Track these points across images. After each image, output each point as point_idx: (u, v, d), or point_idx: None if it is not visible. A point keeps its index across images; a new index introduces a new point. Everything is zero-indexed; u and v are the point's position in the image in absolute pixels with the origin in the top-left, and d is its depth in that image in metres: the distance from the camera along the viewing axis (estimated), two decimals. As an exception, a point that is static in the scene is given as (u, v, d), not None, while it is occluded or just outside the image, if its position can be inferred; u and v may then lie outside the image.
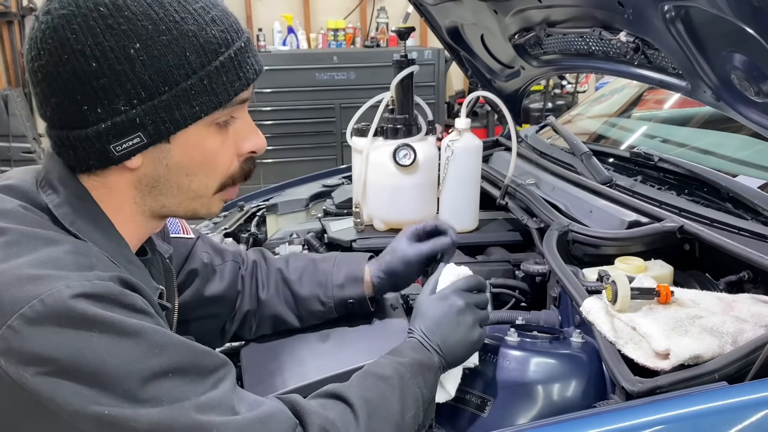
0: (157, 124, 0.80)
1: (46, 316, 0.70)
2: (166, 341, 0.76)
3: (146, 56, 0.77)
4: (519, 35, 1.79)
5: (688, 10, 1.14)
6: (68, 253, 0.77)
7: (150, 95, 0.79)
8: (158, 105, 0.79)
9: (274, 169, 4.83)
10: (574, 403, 1.01)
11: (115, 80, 0.77)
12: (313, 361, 1.13)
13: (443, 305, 1.03)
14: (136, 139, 0.80)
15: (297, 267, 1.24)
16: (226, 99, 0.84)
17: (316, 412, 0.83)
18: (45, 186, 0.84)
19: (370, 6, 5.69)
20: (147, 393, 0.72)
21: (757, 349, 0.91)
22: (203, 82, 0.81)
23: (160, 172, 0.85)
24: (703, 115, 1.88)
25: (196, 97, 0.81)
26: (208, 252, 1.21)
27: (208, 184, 0.89)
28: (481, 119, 5.37)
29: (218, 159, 0.88)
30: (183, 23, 0.80)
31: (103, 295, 0.73)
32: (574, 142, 1.77)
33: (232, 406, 0.77)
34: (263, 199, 2.27)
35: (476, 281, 1.09)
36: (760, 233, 1.15)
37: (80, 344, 0.70)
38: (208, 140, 0.86)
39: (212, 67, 0.81)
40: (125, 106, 0.78)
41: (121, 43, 0.77)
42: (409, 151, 1.59)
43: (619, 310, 1.05)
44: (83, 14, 0.76)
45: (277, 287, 1.23)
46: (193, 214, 0.93)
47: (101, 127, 0.79)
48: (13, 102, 4.80)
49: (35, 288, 0.71)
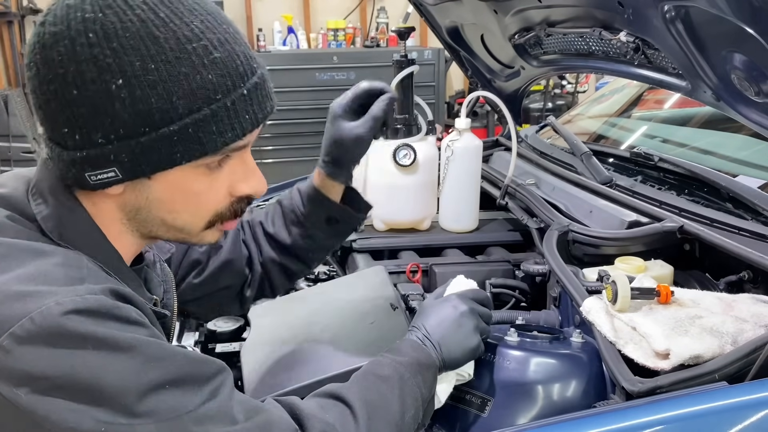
0: (134, 164, 0.75)
1: (37, 334, 0.68)
2: (162, 353, 0.74)
3: (128, 94, 0.72)
4: (519, 35, 1.79)
5: (688, 10, 1.14)
6: (58, 265, 0.75)
7: (128, 134, 0.73)
8: (136, 146, 0.74)
9: (274, 169, 4.83)
10: (574, 403, 1.01)
11: (93, 112, 0.72)
12: (312, 361, 1.13)
13: (446, 306, 1.04)
14: (111, 173, 0.76)
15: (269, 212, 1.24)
16: (213, 149, 0.77)
17: (315, 416, 0.82)
18: (35, 195, 0.81)
19: (370, 6, 5.69)
20: (144, 407, 0.70)
21: (757, 349, 0.91)
22: (188, 129, 0.74)
23: (141, 203, 0.81)
24: (703, 115, 1.88)
25: (178, 144, 0.75)
26: None
27: (194, 222, 0.85)
28: (481, 119, 5.37)
29: (204, 200, 0.83)
30: (176, 63, 0.73)
31: (95, 309, 0.71)
32: (574, 142, 1.77)
33: (230, 415, 0.76)
34: (263, 199, 2.27)
35: (484, 296, 1.10)
36: (760, 233, 1.15)
37: (73, 361, 0.68)
38: (194, 182, 0.80)
39: (200, 115, 0.75)
40: (102, 139, 0.73)
41: (103, 77, 0.71)
42: (409, 151, 1.59)
43: (619, 310, 1.05)
44: (71, 37, 0.71)
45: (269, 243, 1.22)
46: (183, 242, 0.89)
47: (76, 154, 0.75)
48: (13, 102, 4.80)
49: (24, 306, 0.69)
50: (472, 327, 1.02)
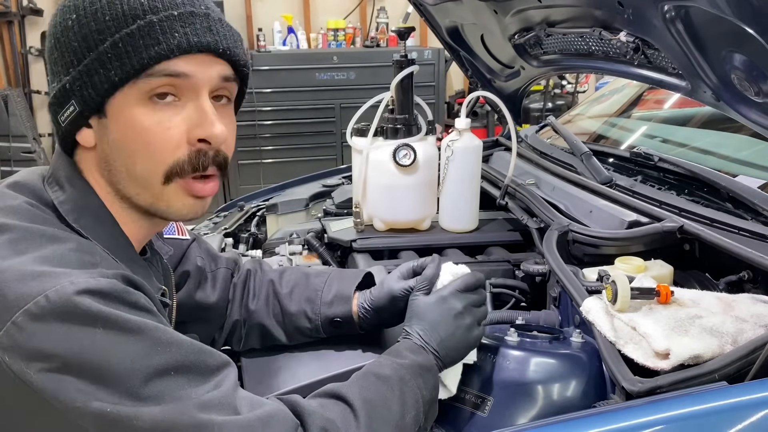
0: (81, 90, 0.82)
1: (50, 312, 0.70)
2: (169, 339, 0.76)
3: (77, 25, 0.82)
4: (519, 35, 1.79)
5: (688, 10, 1.14)
6: (72, 250, 0.78)
7: (78, 61, 0.82)
8: (82, 70, 0.82)
9: (274, 169, 4.84)
10: (574, 403, 1.01)
11: (59, 51, 0.83)
12: (312, 361, 1.13)
13: (441, 308, 1.01)
14: (70, 108, 0.84)
15: (289, 280, 1.20)
16: (139, 63, 0.80)
17: (316, 413, 0.83)
18: (52, 183, 0.86)
19: (370, 6, 5.69)
20: (149, 391, 0.72)
21: (756, 349, 0.91)
22: (118, 45, 0.80)
23: (106, 150, 0.85)
24: (703, 115, 1.88)
25: (110, 60, 0.81)
26: (202, 257, 1.20)
27: (152, 169, 0.84)
28: (481, 119, 5.37)
29: (158, 139, 0.83)
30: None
31: (107, 292, 0.73)
32: (574, 142, 1.77)
33: (233, 405, 0.77)
34: (263, 199, 2.28)
35: (474, 279, 1.07)
36: (760, 233, 1.15)
37: (84, 340, 0.70)
38: (142, 117, 0.82)
39: (128, 30, 0.81)
40: (64, 75, 0.83)
41: (64, 17, 0.83)
42: (409, 151, 1.59)
43: (619, 310, 1.05)
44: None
45: (267, 299, 1.19)
46: (156, 210, 0.88)
47: (51, 94, 0.85)
48: (13, 102, 4.79)
49: (40, 284, 0.71)
50: (468, 324, 1.01)
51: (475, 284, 1.06)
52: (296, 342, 1.18)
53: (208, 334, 1.19)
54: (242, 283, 1.22)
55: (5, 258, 0.74)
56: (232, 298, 1.21)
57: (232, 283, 1.22)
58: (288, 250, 1.70)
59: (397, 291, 1.10)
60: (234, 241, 1.95)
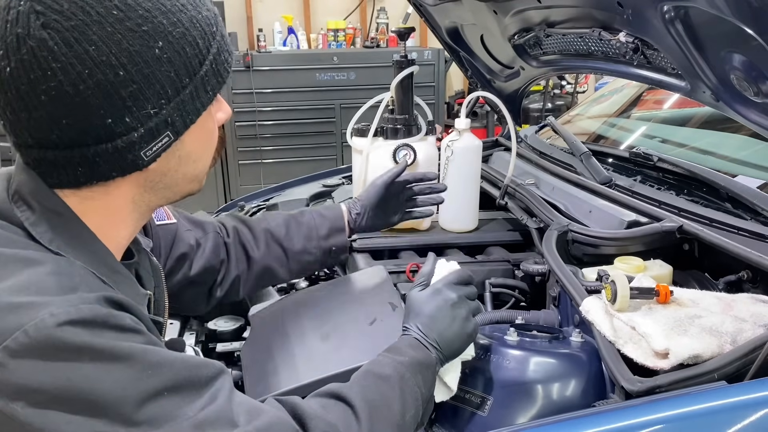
0: (182, 118, 0.79)
1: (32, 347, 0.66)
2: (159, 360, 0.73)
3: (170, 53, 0.75)
4: (518, 36, 1.79)
5: (687, 10, 1.15)
6: (50, 274, 0.73)
7: (176, 91, 0.77)
8: (184, 99, 0.78)
9: (274, 169, 4.84)
10: (574, 403, 1.01)
11: (144, 85, 0.74)
12: (312, 360, 1.13)
13: (437, 299, 1.02)
14: (165, 139, 0.78)
15: (280, 223, 1.32)
16: (225, 76, 0.84)
17: (318, 416, 0.82)
18: (18, 201, 0.79)
19: (370, 6, 5.69)
20: (143, 415, 0.69)
21: (756, 348, 0.91)
22: (212, 65, 0.80)
23: (171, 165, 0.83)
24: (702, 115, 1.88)
25: (209, 81, 0.80)
26: (191, 229, 1.23)
27: (206, 163, 0.89)
28: (481, 119, 5.37)
29: (214, 136, 0.89)
30: (186, 9, 0.77)
31: (90, 319, 0.69)
32: (573, 142, 1.77)
33: (230, 418, 0.75)
34: (263, 199, 2.28)
35: (466, 274, 1.08)
36: (759, 233, 1.16)
37: (70, 374, 0.67)
38: (209, 121, 0.85)
39: (215, 48, 0.81)
40: (154, 108, 0.75)
41: (146, 46, 0.73)
42: (409, 151, 1.60)
43: (619, 310, 1.05)
44: (97, 22, 0.70)
45: (268, 245, 1.30)
46: (188, 195, 0.91)
47: (134, 136, 0.75)
48: (13, 102, 4.79)
49: (18, 318, 0.67)
50: (464, 314, 1.02)
51: (467, 279, 1.08)
52: (297, 278, 1.38)
53: (204, 292, 1.26)
54: (236, 241, 1.29)
55: None
56: (229, 257, 1.27)
57: (224, 244, 1.27)
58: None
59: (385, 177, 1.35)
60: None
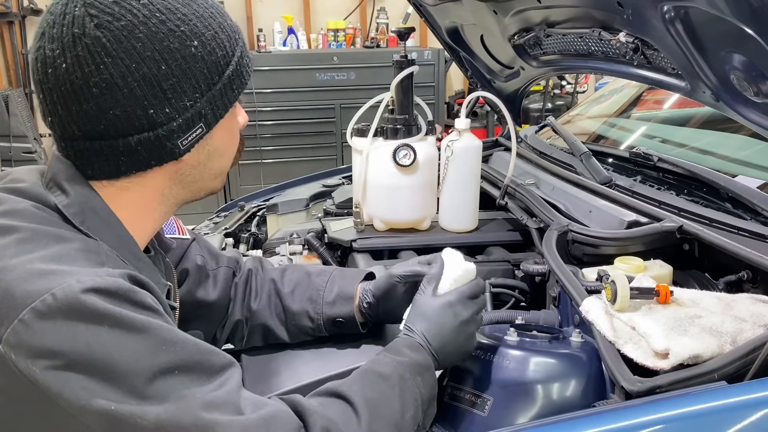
0: (213, 112, 0.87)
1: (57, 309, 0.70)
2: (174, 338, 0.76)
3: (203, 52, 0.85)
4: (518, 36, 1.79)
5: (687, 10, 1.15)
6: (79, 250, 0.79)
7: (208, 87, 0.86)
8: (215, 94, 0.87)
9: (274, 169, 4.84)
10: (574, 403, 1.01)
11: (182, 79, 0.83)
12: (313, 360, 1.13)
13: (449, 313, 1.01)
14: (198, 131, 0.87)
15: (291, 279, 1.21)
16: (247, 78, 0.92)
17: (318, 412, 0.83)
18: (53, 187, 0.86)
19: (370, 6, 5.69)
20: (154, 389, 0.72)
21: (756, 348, 0.91)
22: (238, 66, 0.89)
23: (201, 158, 0.90)
24: (702, 115, 1.88)
25: (235, 80, 0.89)
26: (203, 255, 1.20)
27: (230, 160, 0.97)
28: (481, 119, 5.37)
29: (237, 134, 0.97)
30: (216, 17, 0.88)
31: (113, 290, 0.74)
32: (573, 142, 1.77)
33: (237, 405, 0.77)
34: (263, 199, 2.28)
35: (480, 288, 1.07)
36: (759, 233, 1.15)
37: (89, 338, 0.71)
38: (233, 121, 0.94)
39: (239, 51, 0.90)
40: (190, 101, 0.84)
41: (183, 44, 0.83)
42: (409, 151, 1.60)
43: (619, 310, 1.05)
44: (143, 23, 0.80)
45: (269, 298, 1.20)
46: (210, 192, 0.98)
47: (173, 125, 0.84)
48: (14, 102, 4.79)
49: (46, 282, 0.72)
50: (470, 333, 1.03)
51: (481, 290, 1.08)
52: (298, 340, 1.20)
53: (209, 331, 1.19)
54: (244, 282, 1.22)
55: (13, 257, 0.75)
56: (234, 297, 1.21)
57: (233, 282, 1.22)
58: (288, 250, 1.70)
59: (401, 273, 1.13)
60: (234, 241, 1.95)
